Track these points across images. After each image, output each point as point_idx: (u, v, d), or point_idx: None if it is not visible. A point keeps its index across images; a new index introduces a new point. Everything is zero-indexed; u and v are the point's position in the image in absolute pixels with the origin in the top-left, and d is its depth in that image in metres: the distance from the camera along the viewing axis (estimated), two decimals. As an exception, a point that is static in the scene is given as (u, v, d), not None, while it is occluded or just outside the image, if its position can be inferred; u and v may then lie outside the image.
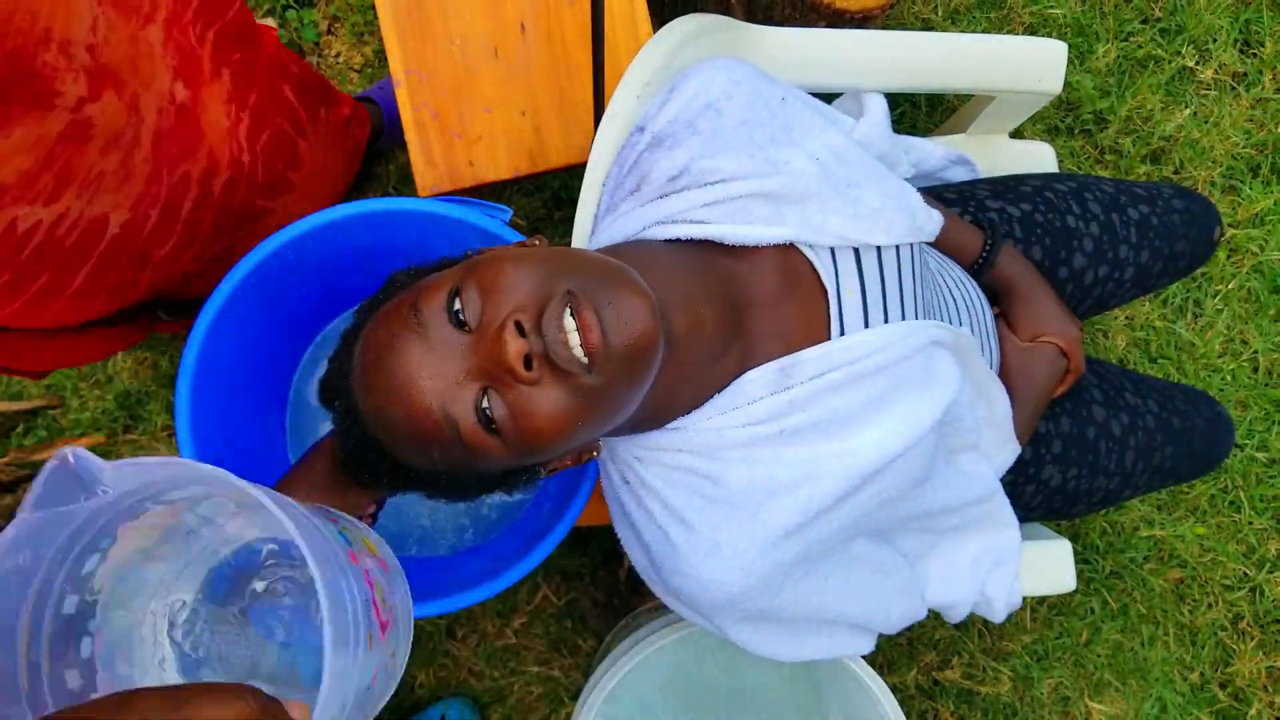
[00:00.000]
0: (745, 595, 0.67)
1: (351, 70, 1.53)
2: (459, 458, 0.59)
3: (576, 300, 0.55)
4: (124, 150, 0.79)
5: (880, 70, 1.05)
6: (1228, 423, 1.08)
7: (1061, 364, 0.94)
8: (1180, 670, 1.53)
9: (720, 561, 0.66)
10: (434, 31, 1.10)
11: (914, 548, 0.84)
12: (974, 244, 0.96)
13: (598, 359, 0.55)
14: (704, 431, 0.68)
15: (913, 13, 1.57)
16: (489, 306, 0.57)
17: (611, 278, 0.58)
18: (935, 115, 1.56)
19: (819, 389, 0.68)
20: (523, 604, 1.48)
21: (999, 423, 0.88)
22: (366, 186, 1.52)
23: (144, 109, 0.80)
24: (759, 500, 0.66)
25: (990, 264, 0.95)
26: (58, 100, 0.70)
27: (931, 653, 1.52)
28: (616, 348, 0.56)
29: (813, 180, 0.72)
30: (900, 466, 0.70)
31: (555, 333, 0.55)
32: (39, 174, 0.72)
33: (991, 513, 0.86)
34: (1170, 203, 1.05)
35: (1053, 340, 0.94)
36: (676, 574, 0.68)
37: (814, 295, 0.72)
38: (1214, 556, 1.54)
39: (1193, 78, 1.59)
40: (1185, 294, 1.57)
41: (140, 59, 0.79)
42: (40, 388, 1.48)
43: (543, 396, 0.56)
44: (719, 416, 0.68)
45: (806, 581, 0.71)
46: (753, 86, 0.74)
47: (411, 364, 0.57)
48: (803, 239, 0.71)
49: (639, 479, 0.70)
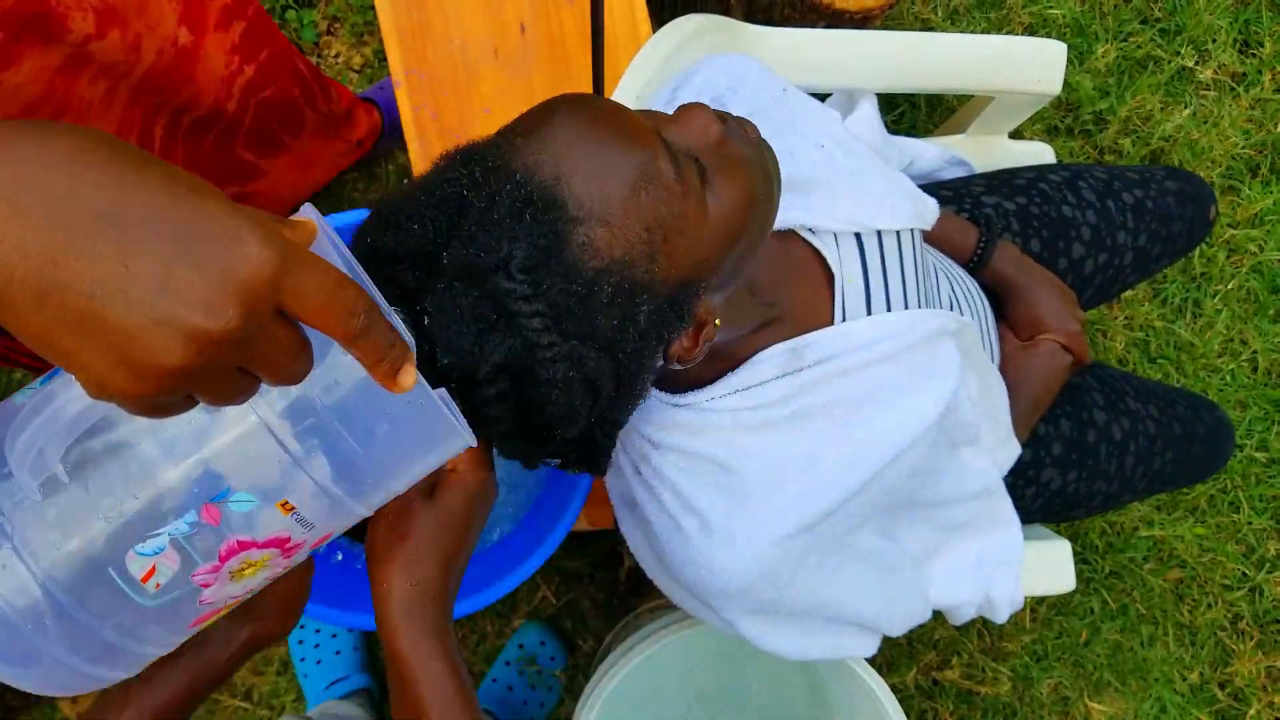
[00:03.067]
0: (757, 584, 0.68)
1: (351, 70, 1.53)
2: (669, 215, 0.53)
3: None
4: (112, 80, 0.82)
5: (880, 71, 1.05)
6: (1229, 429, 1.08)
7: (1063, 360, 0.94)
8: (1179, 670, 1.53)
9: (733, 550, 0.66)
10: (434, 32, 1.10)
11: (918, 547, 0.84)
12: (969, 241, 0.96)
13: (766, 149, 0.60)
14: (719, 413, 0.68)
15: (912, 13, 1.57)
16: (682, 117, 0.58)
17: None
18: (935, 116, 1.56)
19: (828, 373, 0.69)
20: (522, 604, 1.48)
21: (999, 418, 0.88)
22: (367, 187, 1.52)
23: (144, 49, 0.83)
24: (771, 489, 0.67)
25: (984, 262, 0.95)
26: (67, 37, 0.73)
27: (931, 653, 1.52)
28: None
29: (820, 167, 0.73)
30: (905, 458, 0.71)
31: (737, 125, 0.59)
32: (39, 105, 0.75)
33: (994, 510, 0.86)
34: (1163, 184, 1.05)
35: (1052, 337, 0.94)
36: (689, 564, 0.68)
37: (818, 280, 0.73)
38: (1213, 556, 1.54)
39: (1192, 78, 1.60)
40: (1184, 294, 1.57)
41: (149, 3, 0.81)
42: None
43: (741, 158, 0.58)
44: (732, 396, 0.68)
45: (817, 573, 0.71)
46: (757, 80, 0.76)
47: (629, 126, 0.54)
48: (812, 224, 0.72)
49: (652, 469, 0.70)
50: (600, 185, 0.50)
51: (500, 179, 0.50)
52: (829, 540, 0.70)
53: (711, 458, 0.68)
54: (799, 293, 0.72)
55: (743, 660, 1.26)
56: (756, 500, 0.67)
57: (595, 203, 0.50)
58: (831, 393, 0.69)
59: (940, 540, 0.85)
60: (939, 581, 0.85)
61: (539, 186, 0.50)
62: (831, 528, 0.69)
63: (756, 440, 0.68)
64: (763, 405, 0.68)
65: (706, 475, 0.68)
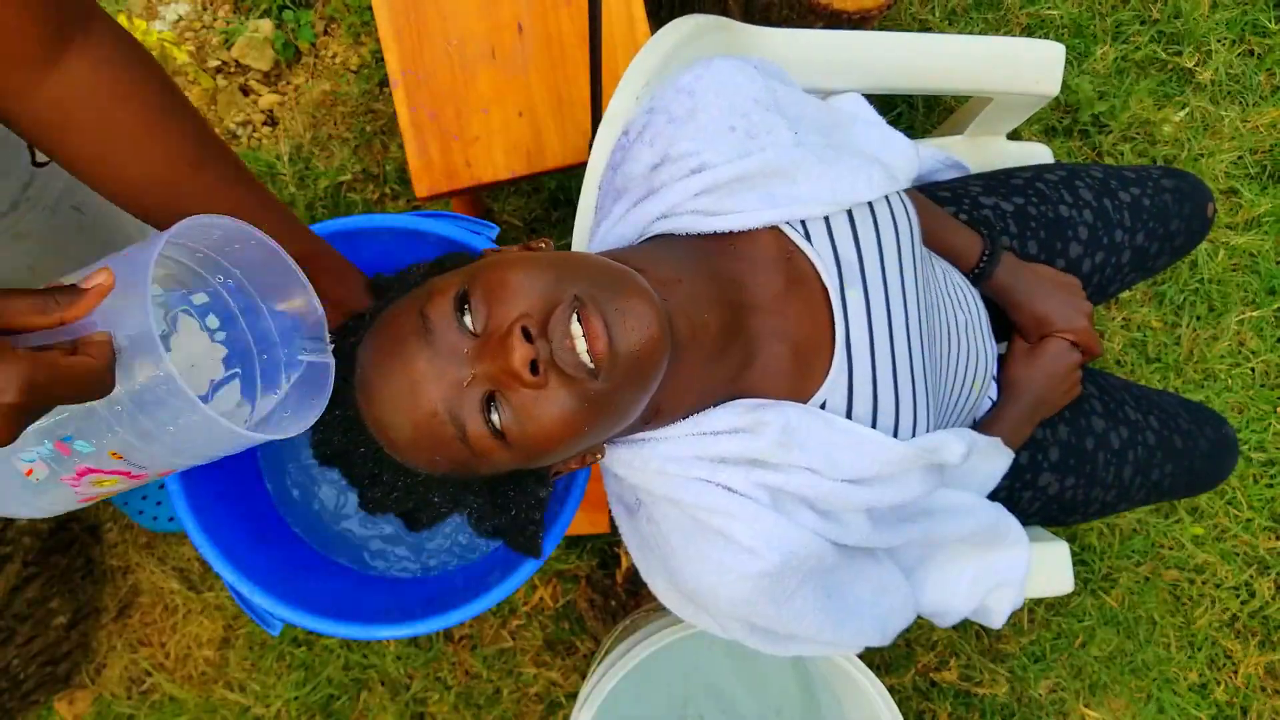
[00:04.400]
0: (755, 599, 0.67)
1: (349, 71, 1.53)
2: (464, 460, 0.60)
3: (584, 306, 0.56)
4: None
5: (877, 71, 1.05)
6: (1233, 446, 1.07)
7: (1071, 358, 0.95)
8: (1178, 671, 1.53)
9: (720, 579, 0.67)
10: (431, 32, 1.10)
11: (913, 557, 0.84)
12: (972, 250, 0.96)
13: (604, 366, 0.56)
14: (676, 455, 0.68)
15: (910, 13, 1.57)
16: (495, 311, 0.57)
17: (618, 283, 0.59)
18: (933, 117, 1.56)
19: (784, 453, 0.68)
20: (520, 606, 1.48)
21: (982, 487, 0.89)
22: (365, 187, 1.52)
23: None
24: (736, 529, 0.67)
25: (987, 274, 0.95)
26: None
27: (929, 654, 1.51)
28: (624, 354, 0.56)
29: (795, 151, 0.72)
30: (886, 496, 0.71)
31: (561, 339, 0.56)
32: None
33: (995, 533, 0.85)
34: (1160, 183, 1.05)
35: (1061, 334, 0.94)
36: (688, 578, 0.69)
37: (816, 295, 0.72)
38: (1210, 557, 1.54)
39: (1191, 79, 1.60)
40: (1183, 296, 1.57)
41: None
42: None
43: (548, 401, 0.56)
44: (695, 439, 0.68)
45: (810, 600, 0.70)
46: (728, 67, 0.74)
47: (418, 368, 0.57)
48: (798, 215, 0.71)
49: (650, 499, 0.71)
50: (399, 437, 0.60)
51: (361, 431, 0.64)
52: (821, 567, 0.70)
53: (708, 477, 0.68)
54: (797, 307, 0.71)
55: (741, 663, 1.26)
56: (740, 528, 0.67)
57: (402, 447, 0.61)
58: (789, 478, 0.68)
59: (934, 552, 0.85)
60: (931, 589, 0.85)
61: (368, 423, 0.62)
62: (820, 558, 0.69)
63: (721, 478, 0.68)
64: (721, 459, 0.69)
65: (691, 519, 0.68)
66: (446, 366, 0.57)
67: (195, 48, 1.52)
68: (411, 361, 0.58)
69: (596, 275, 0.59)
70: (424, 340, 0.58)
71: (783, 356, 0.70)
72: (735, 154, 0.71)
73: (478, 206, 1.37)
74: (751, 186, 0.71)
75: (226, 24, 1.53)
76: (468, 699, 1.47)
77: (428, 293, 0.60)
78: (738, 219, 0.70)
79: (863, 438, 0.70)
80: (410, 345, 0.58)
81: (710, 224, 0.70)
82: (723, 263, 0.70)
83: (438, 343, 0.58)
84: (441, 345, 0.57)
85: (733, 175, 0.70)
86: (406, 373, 0.58)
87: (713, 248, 0.71)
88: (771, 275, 0.71)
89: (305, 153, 1.51)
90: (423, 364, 0.57)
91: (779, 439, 0.67)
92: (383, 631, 0.94)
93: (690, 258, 0.69)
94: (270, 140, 1.52)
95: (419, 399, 0.57)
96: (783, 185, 0.71)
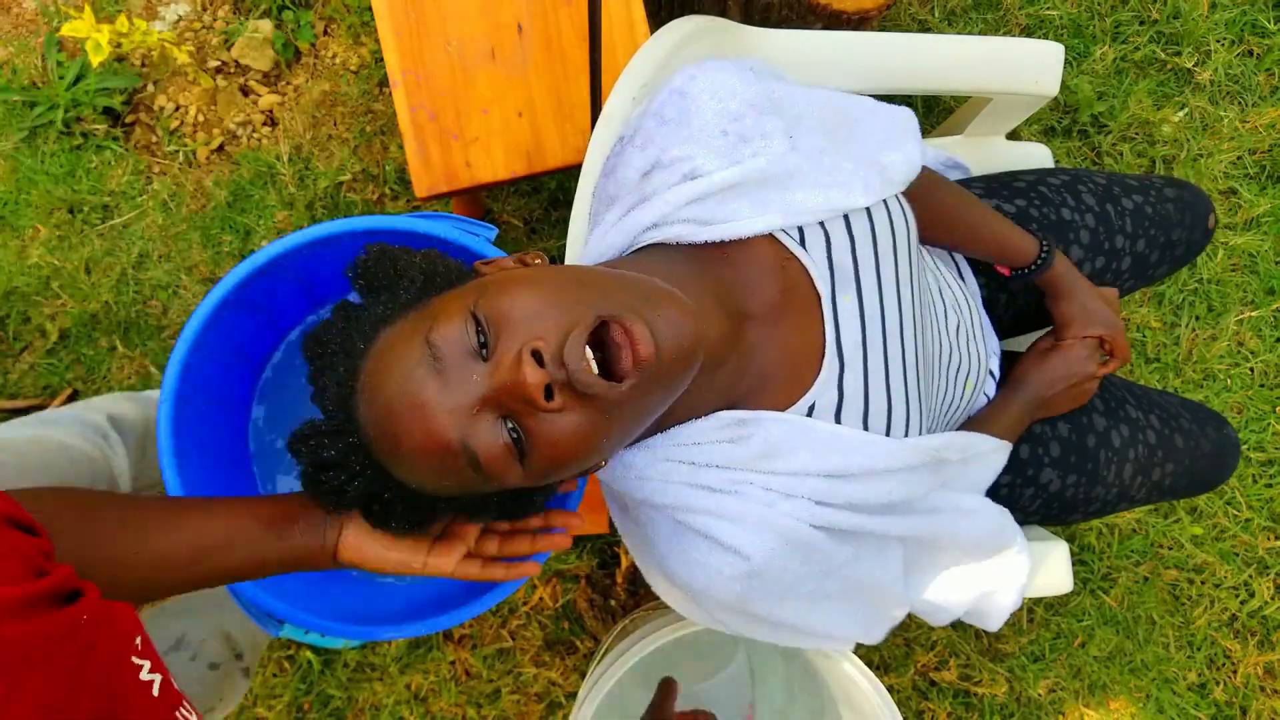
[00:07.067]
0: (746, 598, 0.68)
1: (349, 71, 1.53)
2: (474, 484, 0.59)
3: (621, 320, 0.55)
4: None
5: (877, 72, 1.05)
6: (1235, 447, 1.07)
7: (1092, 366, 0.95)
8: (1177, 671, 1.53)
9: (710, 581, 0.67)
10: (431, 32, 1.10)
11: (910, 554, 0.84)
12: (1029, 246, 0.94)
13: (648, 370, 0.55)
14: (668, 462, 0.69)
15: (909, 14, 1.57)
16: (505, 336, 0.56)
17: (647, 293, 0.59)
18: (932, 117, 1.56)
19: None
20: (519, 605, 1.48)
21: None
22: (364, 187, 1.52)
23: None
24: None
25: (1047, 266, 0.95)
26: None
27: (928, 654, 1.52)
28: (667, 358, 0.56)
29: (789, 157, 0.71)
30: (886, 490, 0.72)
31: (578, 361, 0.54)
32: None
33: (1000, 538, 0.86)
34: (1163, 192, 1.05)
35: (1097, 335, 0.95)
36: (683, 578, 0.69)
37: (809, 301, 0.71)
38: (1209, 557, 1.54)
39: (1190, 79, 1.60)
40: (1182, 296, 1.57)
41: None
42: (37, 387, 1.48)
43: (566, 422, 0.56)
44: (678, 448, 0.68)
45: (802, 596, 0.71)
46: (722, 69, 0.73)
47: (428, 400, 0.56)
48: (792, 222, 0.71)
49: (633, 504, 0.71)
50: (408, 465, 0.59)
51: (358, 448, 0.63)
52: (816, 571, 0.70)
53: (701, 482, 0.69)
54: (792, 317, 0.71)
55: (740, 663, 1.26)
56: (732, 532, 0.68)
57: (410, 473, 0.60)
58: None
59: (933, 552, 0.85)
60: (925, 589, 0.85)
61: (374, 451, 0.61)
62: (818, 554, 0.70)
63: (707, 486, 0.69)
64: (709, 464, 0.69)
65: (685, 522, 0.69)
66: (457, 395, 0.56)
67: (195, 48, 1.52)
68: (420, 393, 0.56)
69: (616, 290, 0.58)
70: (431, 369, 0.56)
71: (776, 364, 0.70)
72: (728, 160, 0.70)
73: (478, 207, 1.37)
74: (744, 194, 0.70)
75: (226, 24, 1.53)
76: (468, 698, 1.47)
77: (432, 317, 0.59)
78: (731, 228, 0.69)
79: (850, 441, 0.70)
80: (417, 376, 0.56)
81: (704, 234, 0.69)
82: (719, 272, 0.70)
83: (447, 372, 0.56)
84: (451, 375, 0.56)
85: (725, 183, 0.69)
86: (416, 405, 0.56)
87: (708, 257, 0.70)
88: (767, 283, 0.70)
89: (305, 153, 1.51)
90: (432, 395, 0.56)
91: (762, 450, 0.67)
92: (383, 632, 0.94)
93: (687, 267, 0.69)
94: (270, 140, 1.52)
95: (431, 430, 0.56)
96: (776, 192, 0.71)
